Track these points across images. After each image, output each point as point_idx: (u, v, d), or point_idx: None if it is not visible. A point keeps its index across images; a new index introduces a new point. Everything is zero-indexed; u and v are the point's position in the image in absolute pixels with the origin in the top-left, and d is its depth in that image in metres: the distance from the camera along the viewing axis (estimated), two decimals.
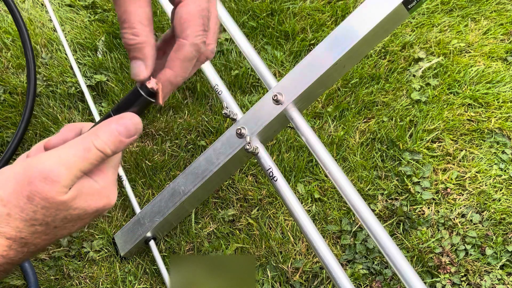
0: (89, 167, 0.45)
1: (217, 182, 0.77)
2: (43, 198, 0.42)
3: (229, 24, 0.74)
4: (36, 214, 0.43)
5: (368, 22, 0.59)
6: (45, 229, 0.44)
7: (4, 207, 0.42)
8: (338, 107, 1.06)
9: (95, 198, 0.46)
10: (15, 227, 0.42)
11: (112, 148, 0.45)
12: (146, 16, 0.44)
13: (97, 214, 0.47)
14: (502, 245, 0.91)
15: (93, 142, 0.44)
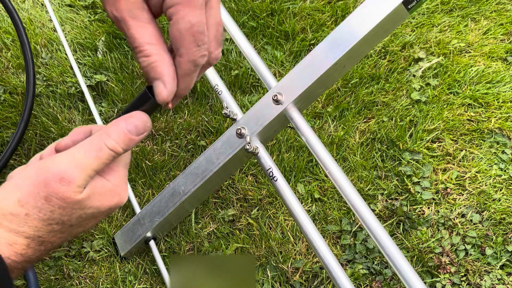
0: (101, 166, 0.46)
1: (217, 182, 0.77)
2: (60, 198, 0.44)
3: (229, 24, 0.74)
4: (54, 214, 0.44)
5: (368, 22, 0.59)
6: (61, 227, 0.45)
7: (22, 208, 0.44)
8: (338, 107, 1.06)
9: (107, 196, 0.48)
10: (34, 227, 0.44)
11: (123, 146, 0.47)
12: (152, 35, 0.45)
13: (109, 212, 0.49)
14: (502, 245, 0.91)
15: (104, 141, 0.46)
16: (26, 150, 1.00)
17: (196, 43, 0.44)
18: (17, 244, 0.44)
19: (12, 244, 0.43)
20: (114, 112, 1.05)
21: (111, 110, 1.06)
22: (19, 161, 0.98)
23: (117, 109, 1.05)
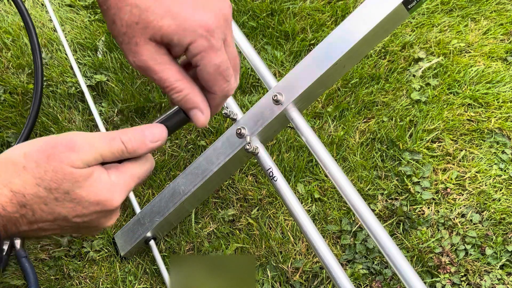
0: (109, 155, 0.48)
1: (217, 182, 0.77)
2: (59, 161, 0.45)
3: None
4: (46, 175, 0.45)
5: (368, 22, 0.59)
6: (46, 196, 0.45)
7: (24, 159, 0.45)
8: (338, 107, 1.06)
9: (101, 188, 0.48)
10: (23, 182, 0.45)
11: (134, 146, 0.49)
12: (177, 73, 0.49)
13: (96, 208, 0.48)
14: (502, 245, 0.91)
15: (120, 134, 0.49)
16: None
17: (225, 80, 0.49)
18: (1, 195, 0.44)
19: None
20: (114, 112, 1.05)
21: (111, 110, 1.06)
22: None
23: (117, 109, 1.05)
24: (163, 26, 0.47)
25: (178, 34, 0.47)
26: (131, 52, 0.48)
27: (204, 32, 0.47)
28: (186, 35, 0.47)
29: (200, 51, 0.48)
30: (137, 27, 0.47)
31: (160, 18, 0.46)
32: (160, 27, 0.47)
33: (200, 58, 0.48)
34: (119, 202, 0.49)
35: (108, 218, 0.51)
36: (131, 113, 1.05)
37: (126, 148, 0.49)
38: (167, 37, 0.47)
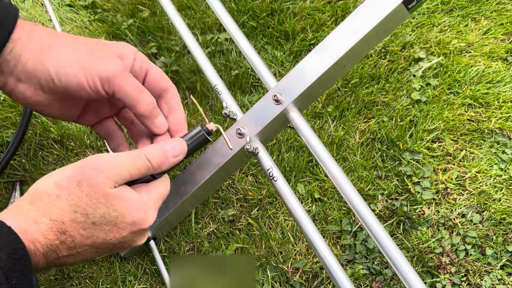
0: (135, 172, 0.50)
1: (217, 182, 0.77)
2: (90, 185, 0.47)
3: (229, 24, 0.74)
4: (80, 200, 0.46)
5: (368, 22, 0.59)
6: (84, 220, 0.47)
7: (56, 189, 0.47)
8: (338, 107, 1.06)
9: (134, 208, 0.49)
10: (60, 210, 0.46)
11: (158, 162, 0.52)
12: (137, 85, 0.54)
13: (133, 229, 0.50)
14: (502, 245, 0.91)
15: (143, 151, 0.51)
16: (26, 150, 1.00)
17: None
18: (41, 224, 0.45)
19: (37, 222, 0.45)
20: None
21: None
22: (19, 161, 0.98)
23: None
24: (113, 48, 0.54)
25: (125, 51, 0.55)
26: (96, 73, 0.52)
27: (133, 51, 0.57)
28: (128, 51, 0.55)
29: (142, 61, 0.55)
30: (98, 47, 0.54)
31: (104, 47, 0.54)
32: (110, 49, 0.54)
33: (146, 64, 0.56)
34: (153, 220, 0.52)
35: (141, 236, 0.53)
36: None
37: (152, 164, 0.51)
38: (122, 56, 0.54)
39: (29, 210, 0.46)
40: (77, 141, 1.00)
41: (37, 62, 0.50)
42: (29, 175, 0.97)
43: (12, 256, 0.41)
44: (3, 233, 0.42)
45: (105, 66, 0.51)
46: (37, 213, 0.45)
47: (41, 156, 0.99)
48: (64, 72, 0.50)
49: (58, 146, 1.00)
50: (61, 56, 0.50)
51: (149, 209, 0.51)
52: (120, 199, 0.48)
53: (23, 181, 0.97)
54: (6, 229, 0.43)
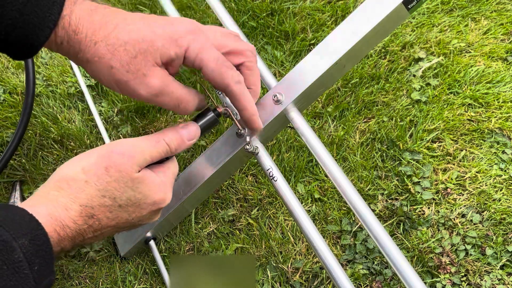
0: (156, 155, 0.53)
1: (217, 182, 0.77)
2: (118, 170, 0.49)
3: (229, 24, 0.74)
4: (109, 185, 0.48)
5: (368, 22, 0.59)
6: (111, 204, 0.49)
7: (84, 174, 0.48)
8: (338, 107, 1.06)
9: (155, 188, 0.52)
10: (89, 195, 0.48)
11: (176, 145, 0.54)
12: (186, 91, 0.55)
13: (152, 208, 0.53)
14: (502, 245, 0.91)
15: (162, 136, 0.53)
16: (26, 150, 1.00)
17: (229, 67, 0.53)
18: (71, 210, 0.47)
19: (68, 209, 0.47)
20: (114, 112, 1.05)
21: (111, 110, 1.06)
22: (19, 161, 0.98)
23: (117, 109, 1.05)
24: (158, 47, 0.50)
25: (172, 48, 0.51)
26: (142, 85, 0.50)
27: (191, 36, 0.51)
28: (179, 45, 0.51)
29: (197, 52, 0.51)
30: (137, 60, 0.50)
31: (149, 45, 0.50)
32: (156, 49, 0.50)
33: (200, 58, 0.52)
34: (170, 197, 0.55)
35: (158, 213, 0.56)
36: (131, 113, 1.05)
37: (170, 148, 0.54)
38: (166, 55, 0.51)
39: (58, 196, 0.47)
40: (77, 141, 1.00)
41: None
42: (29, 175, 0.97)
43: (34, 242, 0.42)
44: (26, 220, 0.43)
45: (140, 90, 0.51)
46: (67, 199, 0.47)
47: (41, 156, 0.99)
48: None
49: (58, 146, 1.00)
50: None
51: (167, 189, 0.54)
52: (144, 182, 0.51)
53: (23, 181, 0.97)
54: (28, 216, 0.44)
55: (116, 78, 0.50)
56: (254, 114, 0.58)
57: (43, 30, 0.47)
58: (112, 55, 0.49)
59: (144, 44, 0.49)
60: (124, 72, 0.49)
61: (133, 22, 0.51)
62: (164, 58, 0.51)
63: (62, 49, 0.50)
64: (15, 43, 0.48)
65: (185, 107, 0.55)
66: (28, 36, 0.47)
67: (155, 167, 0.54)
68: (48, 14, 0.47)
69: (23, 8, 0.46)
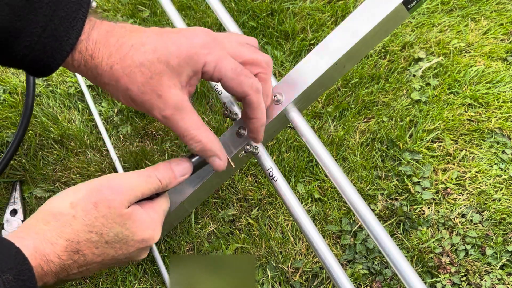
0: (147, 192, 0.52)
1: (217, 182, 0.77)
2: (107, 206, 0.48)
3: (229, 24, 0.74)
4: (97, 221, 0.48)
5: (368, 22, 0.59)
6: (98, 240, 0.48)
7: (72, 209, 0.48)
8: (338, 107, 1.06)
9: (143, 226, 0.52)
10: (75, 230, 0.47)
11: (167, 181, 0.54)
12: (196, 121, 0.52)
13: (140, 245, 0.52)
14: (502, 245, 0.91)
15: (154, 172, 0.53)
16: (26, 150, 1.00)
17: (248, 76, 0.52)
18: (57, 245, 0.46)
19: (53, 243, 0.46)
20: (114, 112, 1.05)
21: (111, 110, 1.06)
22: (19, 161, 0.98)
23: (117, 109, 1.05)
24: (174, 67, 0.49)
25: (189, 66, 0.50)
26: (156, 107, 0.50)
27: (207, 49, 0.50)
28: (195, 62, 0.50)
29: (214, 66, 0.50)
30: (153, 81, 0.49)
31: (164, 65, 0.49)
32: (172, 69, 0.49)
33: (218, 70, 0.51)
34: (158, 237, 0.54)
35: (146, 250, 0.55)
36: (131, 113, 1.05)
37: (162, 184, 0.53)
38: (183, 74, 0.50)
39: (45, 230, 0.47)
40: (77, 141, 1.00)
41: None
42: (29, 175, 0.97)
43: (18, 277, 0.42)
44: (12, 254, 0.43)
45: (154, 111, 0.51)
46: (53, 233, 0.46)
47: (41, 156, 0.99)
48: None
49: (58, 146, 1.00)
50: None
51: (156, 227, 0.53)
52: (132, 219, 0.50)
53: (23, 181, 0.97)
54: (15, 249, 0.44)
55: (132, 98, 0.51)
56: (263, 125, 0.58)
57: (60, 53, 0.47)
58: (128, 78, 0.49)
59: (160, 65, 0.49)
60: (140, 94, 0.50)
61: (148, 41, 0.50)
62: (182, 78, 0.50)
63: (81, 71, 0.50)
64: (31, 64, 0.48)
65: (188, 142, 0.54)
66: (45, 58, 0.47)
67: (145, 204, 0.54)
68: (66, 38, 0.47)
69: (42, 31, 0.46)
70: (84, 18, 0.48)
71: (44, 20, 0.45)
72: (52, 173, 0.97)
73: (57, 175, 0.97)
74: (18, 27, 0.45)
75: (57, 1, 0.46)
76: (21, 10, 0.45)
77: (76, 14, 0.47)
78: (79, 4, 0.48)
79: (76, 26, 0.47)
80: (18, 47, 0.46)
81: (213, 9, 0.76)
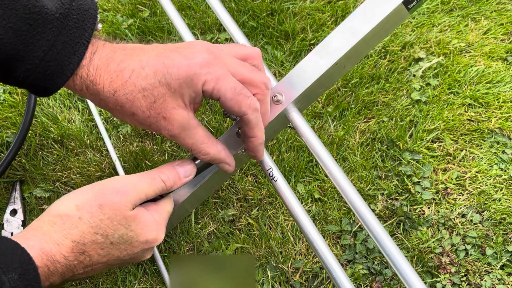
0: (152, 193, 0.53)
1: (217, 182, 0.77)
2: (112, 208, 0.49)
3: (229, 24, 0.74)
4: (102, 223, 0.49)
5: (368, 22, 0.59)
6: (103, 241, 0.49)
7: (78, 211, 0.49)
8: (338, 107, 1.06)
9: (148, 228, 0.52)
10: (81, 232, 0.48)
11: (172, 183, 0.55)
12: (202, 136, 0.54)
13: (144, 246, 0.53)
14: (502, 245, 0.91)
15: (158, 173, 0.54)
16: (26, 150, 1.00)
17: (246, 96, 0.52)
18: (63, 245, 0.47)
19: (59, 244, 0.47)
20: None
21: None
22: (19, 161, 0.98)
23: None
24: (176, 89, 0.50)
25: (189, 87, 0.50)
26: (163, 128, 0.51)
27: (207, 68, 0.51)
28: (195, 83, 0.50)
29: (213, 85, 0.51)
30: (156, 105, 0.50)
31: (166, 89, 0.50)
32: (173, 92, 0.50)
33: (217, 89, 0.51)
34: (163, 237, 0.55)
35: (150, 251, 0.56)
36: None
37: (166, 185, 0.54)
38: (185, 96, 0.51)
39: (52, 232, 0.48)
40: (77, 141, 1.00)
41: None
42: (29, 175, 0.97)
43: (24, 277, 0.43)
44: (17, 254, 0.44)
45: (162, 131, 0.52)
46: (59, 235, 0.47)
47: (41, 156, 0.99)
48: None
49: (58, 146, 1.00)
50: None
51: (160, 228, 0.54)
52: (137, 221, 0.51)
53: (23, 181, 0.97)
54: (20, 249, 0.44)
55: (140, 122, 0.51)
56: (262, 143, 0.58)
57: (61, 77, 0.48)
58: (131, 103, 0.50)
59: (162, 88, 0.49)
60: (146, 118, 0.50)
61: (148, 65, 0.50)
62: (185, 98, 0.51)
63: (83, 94, 0.51)
64: (31, 86, 0.48)
65: (197, 154, 0.55)
66: (45, 81, 0.48)
67: (150, 205, 0.55)
68: (68, 63, 0.47)
69: (44, 55, 0.46)
70: (87, 43, 0.48)
71: (47, 45, 0.46)
72: (52, 173, 0.97)
73: (57, 175, 0.97)
74: (21, 50, 0.45)
75: (61, 27, 0.46)
76: (24, 34, 0.45)
77: (79, 40, 0.48)
78: (83, 29, 0.48)
79: (78, 52, 0.48)
80: (20, 70, 0.47)
81: (213, 9, 0.76)
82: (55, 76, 0.47)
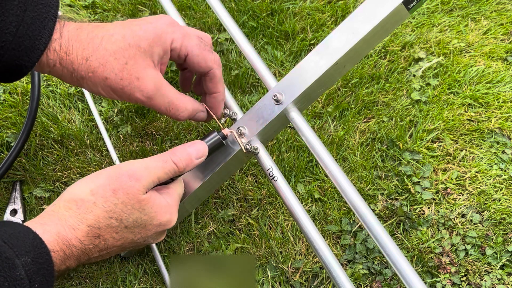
0: (164, 176, 0.54)
1: (217, 182, 0.77)
2: (125, 193, 0.50)
3: (229, 24, 0.74)
4: (116, 207, 0.49)
5: (368, 22, 0.59)
6: (118, 225, 0.50)
7: (92, 196, 0.49)
8: (338, 107, 1.06)
9: (162, 211, 0.53)
10: (96, 216, 0.49)
11: (184, 164, 0.55)
12: (176, 91, 0.56)
13: (158, 229, 0.54)
14: (502, 245, 0.91)
15: (170, 156, 0.54)
16: (26, 150, 1.00)
17: (210, 51, 0.56)
18: (79, 230, 0.48)
19: (75, 228, 0.48)
20: (114, 112, 1.05)
21: (111, 110, 1.06)
22: (19, 161, 0.98)
23: (117, 109, 1.05)
24: (145, 49, 0.52)
25: (158, 45, 0.53)
26: (137, 88, 0.52)
27: (172, 28, 0.54)
28: (163, 40, 0.53)
29: (181, 42, 0.54)
30: (128, 66, 0.52)
31: (136, 49, 0.52)
32: (144, 52, 0.52)
33: (184, 46, 0.54)
34: (176, 219, 0.56)
35: (163, 233, 0.57)
36: (131, 113, 1.05)
37: (178, 167, 0.55)
38: (155, 54, 0.53)
39: (67, 216, 0.48)
40: (77, 141, 1.01)
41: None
42: (29, 175, 0.97)
43: (36, 260, 0.43)
44: (29, 238, 0.44)
45: (136, 93, 0.53)
46: (75, 219, 0.48)
47: (41, 156, 0.99)
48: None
49: (58, 146, 1.00)
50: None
51: (173, 210, 0.55)
52: (150, 204, 0.52)
53: (23, 181, 0.97)
54: (32, 234, 0.45)
55: (112, 87, 0.52)
56: (224, 99, 0.62)
57: (34, 52, 0.48)
58: (104, 67, 0.51)
59: (132, 49, 0.51)
60: (119, 80, 0.51)
61: (115, 31, 0.52)
62: (154, 58, 0.53)
63: (56, 71, 0.52)
64: (5, 65, 0.49)
65: (175, 113, 0.56)
66: (20, 58, 0.48)
67: (161, 189, 0.55)
68: (39, 37, 0.48)
69: (16, 31, 0.47)
70: (54, 18, 0.50)
71: (17, 20, 0.47)
72: (52, 173, 0.97)
73: (57, 175, 0.97)
74: None
75: (26, 2, 0.48)
76: None
77: (46, 15, 0.49)
78: (48, 6, 0.49)
79: (48, 26, 0.49)
80: None
81: (213, 9, 0.76)
82: (29, 51, 0.48)
